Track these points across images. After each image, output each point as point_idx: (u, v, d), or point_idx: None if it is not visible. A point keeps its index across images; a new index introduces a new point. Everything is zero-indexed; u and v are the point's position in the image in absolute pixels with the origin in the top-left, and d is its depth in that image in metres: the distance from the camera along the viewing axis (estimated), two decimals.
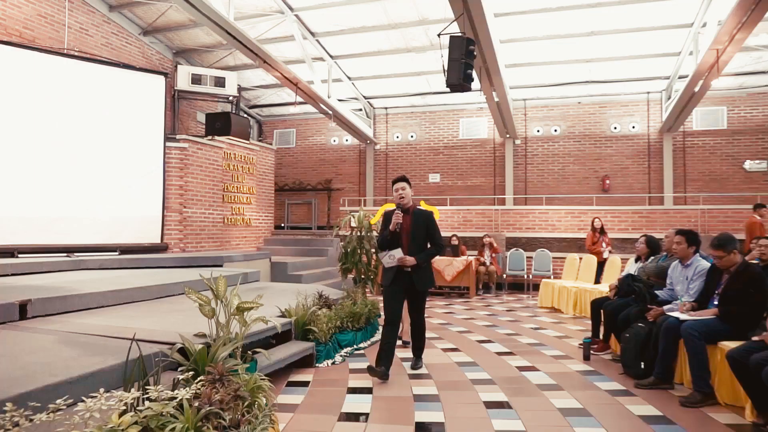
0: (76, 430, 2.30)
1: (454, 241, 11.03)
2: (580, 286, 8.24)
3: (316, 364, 4.88)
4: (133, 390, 2.74)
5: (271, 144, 13.97)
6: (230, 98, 12.57)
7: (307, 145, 16.23)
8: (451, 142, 14.80)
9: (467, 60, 7.07)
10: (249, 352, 3.93)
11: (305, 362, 4.84)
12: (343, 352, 5.34)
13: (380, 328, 6.53)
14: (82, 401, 2.49)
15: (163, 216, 9.39)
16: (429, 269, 4.67)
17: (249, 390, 3.16)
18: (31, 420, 2.25)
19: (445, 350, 5.68)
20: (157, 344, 3.72)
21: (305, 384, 4.36)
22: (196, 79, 12.12)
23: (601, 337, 5.73)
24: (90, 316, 4.99)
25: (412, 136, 15.17)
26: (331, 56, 12.53)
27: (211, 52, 12.79)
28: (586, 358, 5.29)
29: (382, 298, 4.78)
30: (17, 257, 7.77)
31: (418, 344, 4.90)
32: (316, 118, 15.60)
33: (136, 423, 2.49)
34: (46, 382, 2.91)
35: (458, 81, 7.03)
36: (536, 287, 10.12)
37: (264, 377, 3.36)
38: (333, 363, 4.99)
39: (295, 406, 3.82)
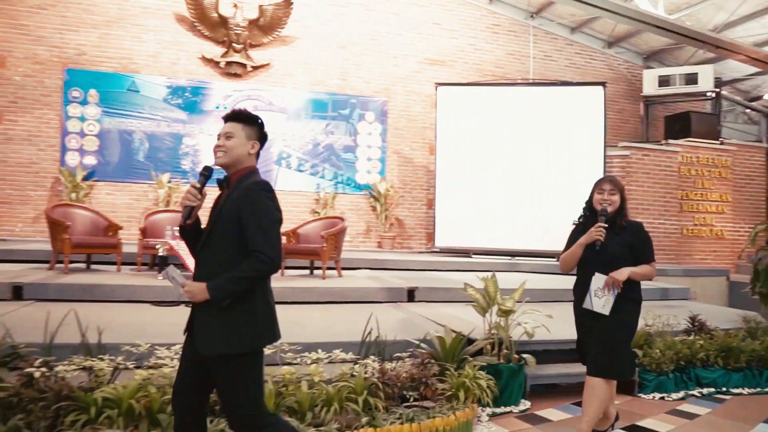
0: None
1: None
2: None
3: (638, 394, 4.19)
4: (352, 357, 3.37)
5: (761, 141, 11.61)
6: (707, 94, 11.20)
7: None
8: None
9: None
10: (516, 355, 3.85)
11: (626, 387, 4.23)
12: (697, 390, 4.34)
13: None
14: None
15: None
16: (238, 311, 2.13)
17: (454, 384, 3.27)
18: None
19: None
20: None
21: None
22: (664, 81, 11.37)
23: None
24: (454, 307, 5.75)
25: None
26: None
27: (681, 48, 11.73)
28: None
29: None
30: (471, 257, 9.35)
31: None
32: None
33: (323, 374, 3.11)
34: (329, 340, 3.85)
35: None
36: None
37: (481, 376, 3.37)
38: (663, 398, 4.15)
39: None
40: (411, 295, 6.13)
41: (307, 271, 7.30)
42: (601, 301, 3.00)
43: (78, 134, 9.55)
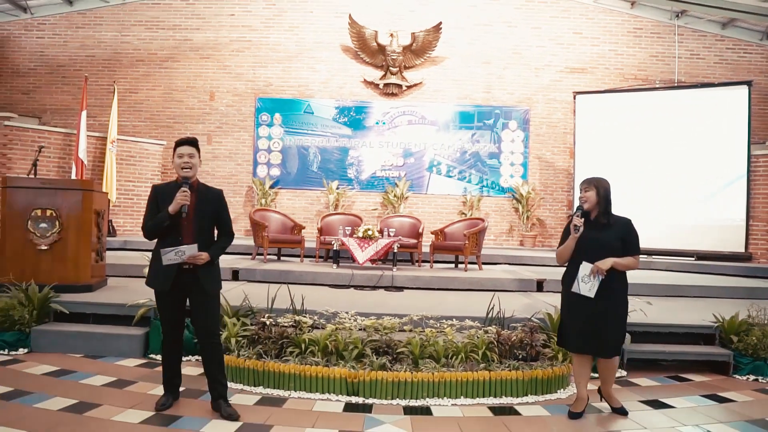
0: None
1: None
2: None
3: (733, 375, 4.76)
4: (478, 325, 4.50)
5: None
6: None
7: None
8: None
9: None
10: None
11: (721, 369, 4.83)
12: None
13: None
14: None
15: (748, 225, 9.31)
16: (218, 266, 3.64)
17: (555, 349, 4.28)
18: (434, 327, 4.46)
19: None
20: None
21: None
22: None
23: None
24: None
25: None
26: None
27: None
28: None
29: None
30: None
31: (216, 375, 3.53)
32: None
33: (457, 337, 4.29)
34: (462, 314, 4.99)
35: None
36: None
37: None
38: (758, 380, 4.67)
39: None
40: (539, 286, 7.06)
41: (452, 264, 8.50)
42: (587, 286, 3.50)
43: (266, 151, 11.71)
